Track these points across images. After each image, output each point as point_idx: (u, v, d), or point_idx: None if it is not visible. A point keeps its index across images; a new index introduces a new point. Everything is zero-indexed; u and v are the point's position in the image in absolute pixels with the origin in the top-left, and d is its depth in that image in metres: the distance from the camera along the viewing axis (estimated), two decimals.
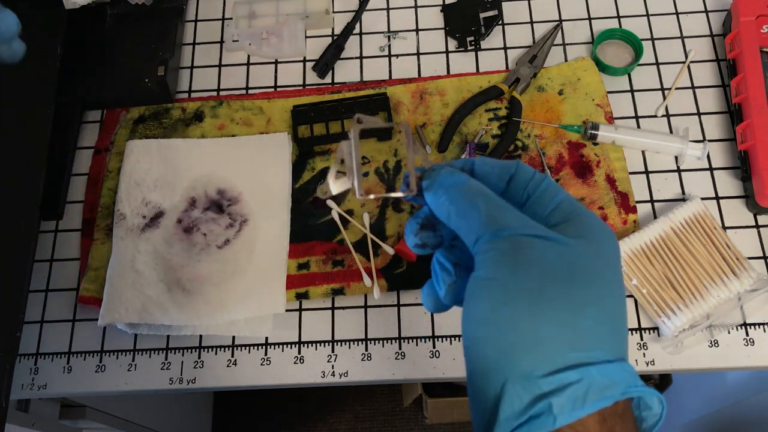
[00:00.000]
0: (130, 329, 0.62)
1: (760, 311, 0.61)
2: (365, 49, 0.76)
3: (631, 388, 0.29)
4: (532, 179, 0.35)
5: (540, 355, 0.29)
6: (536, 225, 0.32)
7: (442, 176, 0.35)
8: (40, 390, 0.63)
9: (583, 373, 0.28)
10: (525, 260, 0.30)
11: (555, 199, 0.34)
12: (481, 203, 0.33)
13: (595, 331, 0.30)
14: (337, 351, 0.63)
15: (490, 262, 0.31)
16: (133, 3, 0.75)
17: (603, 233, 0.33)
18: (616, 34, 0.74)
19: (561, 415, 0.28)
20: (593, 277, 0.31)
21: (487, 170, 0.36)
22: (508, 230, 0.32)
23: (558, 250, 0.31)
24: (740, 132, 0.66)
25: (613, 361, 0.29)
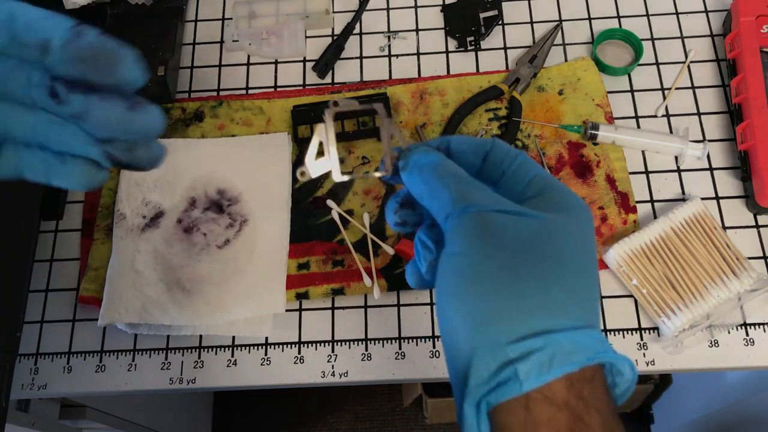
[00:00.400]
0: (130, 329, 0.62)
1: (760, 311, 0.61)
2: (365, 49, 0.76)
3: (600, 354, 0.29)
4: (507, 155, 0.36)
5: (507, 324, 0.30)
6: (504, 200, 0.33)
7: (416, 156, 0.36)
8: (40, 390, 0.63)
9: (549, 339, 0.29)
10: (491, 234, 0.31)
11: (529, 175, 0.35)
12: (450, 181, 0.34)
13: (562, 300, 0.30)
14: (337, 351, 0.63)
15: (458, 238, 0.32)
16: (133, 3, 0.75)
17: (575, 206, 0.34)
18: (616, 34, 0.74)
19: (527, 381, 0.28)
20: (561, 248, 0.32)
21: (463, 148, 0.37)
22: (475, 206, 0.32)
23: (525, 223, 0.32)
24: (740, 132, 0.66)
25: (581, 328, 0.30)
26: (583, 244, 0.33)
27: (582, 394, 0.29)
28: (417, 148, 0.37)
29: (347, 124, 0.70)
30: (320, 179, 0.69)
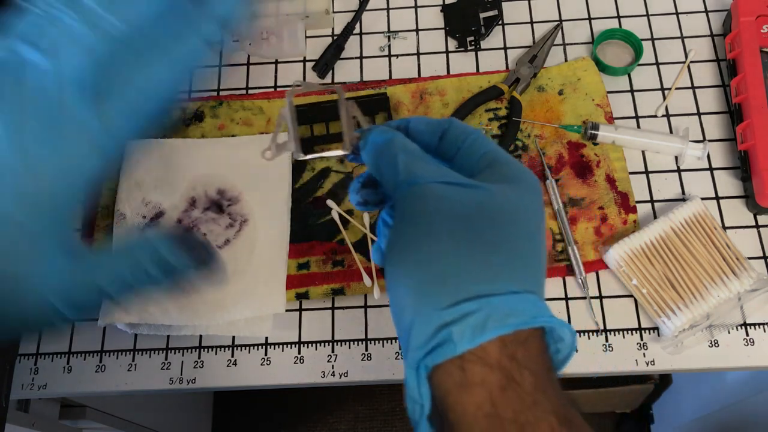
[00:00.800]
0: (130, 329, 0.62)
1: (760, 311, 0.61)
2: (365, 49, 0.76)
3: (536, 318, 0.30)
4: (462, 133, 0.37)
5: (445, 290, 0.30)
6: (452, 173, 0.34)
7: (373, 135, 0.37)
8: (40, 390, 0.63)
9: (484, 303, 0.30)
10: (433, 205, 0.32)
11: (482, 149, 0.36)
12: (401, 157, 0.35)
13: (501, 266, 0.31)
14: (337, 351, 0.63)
15: (403, 210, 0.33)
16: None
17: (523, 178, 0.35)
18: (616, 34, 0.74)
19: (461, 342, 0.29)
20: (505, 217, 0.33)
21: (421, 128, 0.38)
22: (420, 179, 0.33)
23: (469, 194, 0.33)
24: (740, 132, 0.66)
25: (519, 293, 0.31)
26: (526, 214, 0.34)
27: (515, 356, 0.29)
28: (377, 127, 0.38)
29: None
30: (320, 179, 0.69)
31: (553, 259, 0.64)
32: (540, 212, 0.35)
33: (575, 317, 0.63)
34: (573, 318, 0.63)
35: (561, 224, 0.65)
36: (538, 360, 0.30)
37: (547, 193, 0.66)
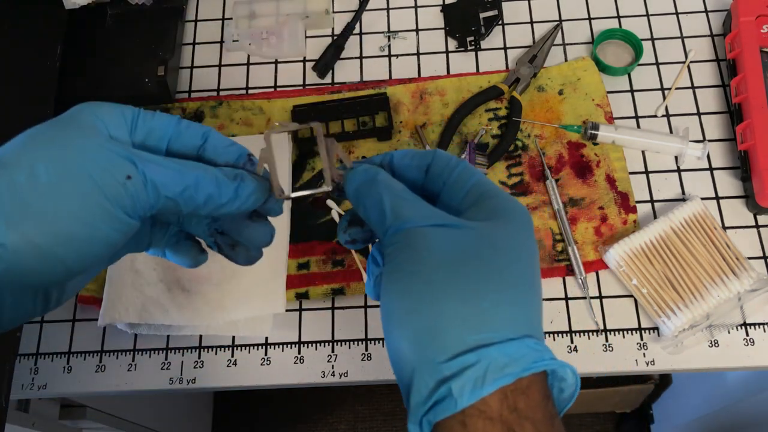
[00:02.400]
0: (130, 329, 0.62)
1: (760, 311, 0.61)
2: (365, 49, 0.76)
3: (537, 362, 0.30)
4: (447, 165, 0.36)
5: (441, 341, 0.30)
6: (438, 214, 0.34)
7: (356, 174, 0.37)
8: (40, 390, 0.63)
9: (482, 354, 0.29)
10: (423, 250, 0.32)
11: (468, 183, 0.35)
12: (386, 198, 0.34)
13: (497, 312, 0.30)
14: (337, 351, 0.63)
15: (393, 256, 0.33)
16: (133, 3, 0.75)
17: (512, 213, 0.34)
18: (616, 34, 0.74)
19: (461, 398, 0.29)
20: (497, 258, 0.32)
21: (406, 162, 0.38)
22: (408, 222, 0.33)
23: (457, 235, 0.32)
24: (740, 132, 0.66)
25: (516, 339, 0.30)
26: (518, 253, 0.33)
27: (516, 406, 0.29)
28: (359, 166, 0.37)
29: (347, 124, 0.70)
30: (320, 179, 0.69)
31: (553, 259, 0.64)
32: (532, 247, 0.34)
33: (575, 317, 0.63)
34: (573, 318, 0.63)
35: (561, 224, 0.65)
36: (540, 408, 0.30)
37: (547, 193, 0.66)
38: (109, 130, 0.35)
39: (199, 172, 0.35)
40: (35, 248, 0.31)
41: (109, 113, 0.36)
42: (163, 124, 0.37)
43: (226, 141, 0.39)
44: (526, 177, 0.68)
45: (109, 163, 0.33)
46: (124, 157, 0.34)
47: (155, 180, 0.34)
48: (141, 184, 0.33)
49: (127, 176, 0.33)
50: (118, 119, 0.36)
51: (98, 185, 0.32)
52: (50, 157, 0.33)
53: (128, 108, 0.37)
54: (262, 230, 0.40)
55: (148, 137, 0.37)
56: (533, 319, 0.32)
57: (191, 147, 0.38)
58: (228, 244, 0.41)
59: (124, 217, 0.33)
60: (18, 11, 0.72)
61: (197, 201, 0.35)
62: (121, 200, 0.33)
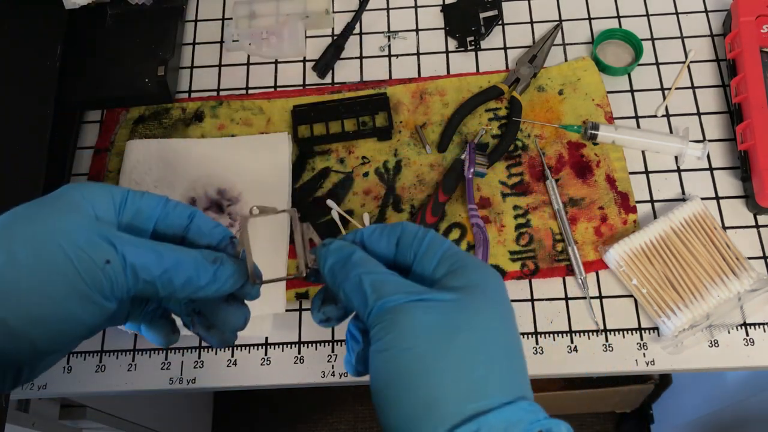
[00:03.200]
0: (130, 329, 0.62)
1: (760, 311, 0.61)
2: (365, 49, 0.76)
3: (533, 424, 0.30)
4: (415, 237, 0.37)
5: (437, 415, 0.30)
6: (417, 288, 0.34)
7: (329, 253, 0.38)
8: (40, 390, 0.63)
9: (481, 422, 0.30)
10: (410, 327, 0.32)
11: (437, 253, 0.36)
12: (365, 279, 0.35)
13: (486, 378, 0.31)
14: (337, 351, 0.63)
15: (380, 336, 0.33)
16: (133, 3, 0.75)
17: (485, 278, 0.35)
18: (616, 34, 0.74)
19: None
20: (476, 325, 0.33)
21: (375, 237, 0.38)
22: (391, 300, 0.33)
23: (441, 308, 0.33)
24: (740, 132, 0.66)
25: (512, 402, 0.31)
26: (499, 317, 0.34)
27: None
28: (331, 245, 0.38)
29: (347, 124, 0.70)
30: (320, 179, 0.69)
31: (553, 259, 0.64)
32: (509, 309, 0.35)
33: (575, 317, 0.63)
34: (573, 318, 0.63)
35: (561, 224, 0.65)
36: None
37: (547, 193, 0.67)
38: (95, 210, 0.36)
39: (179, 255, 0.36)
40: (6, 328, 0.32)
41: (97, 194, 0.36)
42: (151, 205, 0.38)
43: (211, 223, 0.40)
44: (526, 177, 0.68)
45: (88, 245, 0.33)
46: (104, 240, 0.34)
47: (134, 263, 0.34)
48: (120, 268, 0.34)
49: (106, 260, 0.33)
50: (106, 200, 0.36)
51: (76, 269, 0.33)
52: (30, 238, 0.33)
53: (117, 189, 0.37)
54: (237, 313, 0.41)
55: (136, 217, 0.38)
56: (522, 380, 0.33)
57: (178, 227, 0.39)
58: (204, 325, 0.41)
59: (101, 301, 0.34)
60: (18, 11, 0.72)
61: (176, 284, 0.36)
62: (99, 284, 0.33)
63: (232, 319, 0.41)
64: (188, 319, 0.42)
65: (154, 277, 0.35)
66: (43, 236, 0.33)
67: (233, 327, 0.41)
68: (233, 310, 0.41)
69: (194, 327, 0.42)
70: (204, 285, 0.37)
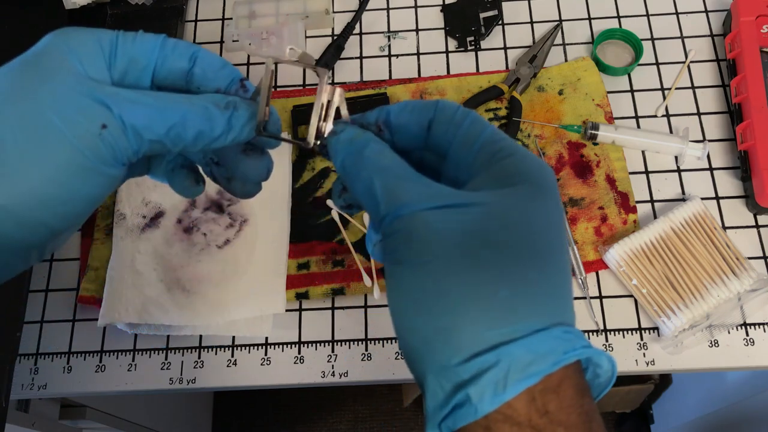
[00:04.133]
0: (130, 329, 0.62)
1: (760, 311, 0.61)
2: (365, 49, 0.76)
3: (568, 353, 0.26)
4: (452, 121, 0.32)
5: (455, 341, 0.26)
6: (440, 191, 0.29)
7: (339, 144, 0.32)
8: (40, 390, 0.63)
9: (501, 353, 0.26)
10: (425, 240, 0.27)
11: (477, 141, 0.31)
12: (376, 180, 0.30)
13: (513, 300, 0.26)
14: (337, 351, 0.63)
15: (393, 248, 0.29)
16: (133, 3, 0.75)
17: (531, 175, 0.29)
18: (616, 34, 0.74)
19: (481, 404, 0.25)
20: (511, 237, 0.27)
21: (404, 119, 0.33)
22: (406, 207, 0.28)
23: (464, 216, 0.28)
24: (740, 132, 0.66)
25: (543, 330, 0.26)
26: (539, 226, 0.28)
27: (547, 409, 0.26)
28: (341, 133, 0.33)
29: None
30: (320, 179, 0.69)
31: None
32: (555, 216, 0.29)
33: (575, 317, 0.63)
34: None
35: None
36: (575, 408, 0.26)
37: None
38: (83, 66, 0.31)
39: (185, 106, 0.31)
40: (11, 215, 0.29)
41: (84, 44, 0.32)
42: (146, 49, 0.33)
43: (217, 62, 0.34)
44: None
45: (79, 112, 0.29)
46: (96, 102, 0.30)
47: (135, 124, 0.30)
48: (119, 131, 0.30)
49: (102, 125, 0.29)
50: (94, 50, 0.32)
51: (70, 141, 0.29)
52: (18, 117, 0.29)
53: (105, 34, 0.32)
54: (257, 165, 0.36)
55: (130, 68, 0.33)
56: (561, 303, 0.28)
57: (178, 72, 0.34)
58: (224, 177, 0.38)
59: (104, 170, 0.30)
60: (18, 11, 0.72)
61: (186, 139, 0.32)
62: (98, 153, 0.30)
63: (252, 171, 0.36)
64: (207, 169, 0.38)
65: (159, 135, 0.31)
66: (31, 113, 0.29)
67: (254, 179, 0.37)
68: (253, 161, 0.36)
69: (214, 178, 0.38)
70: (218, 135, 0.32)
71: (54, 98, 0.30)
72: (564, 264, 0.29)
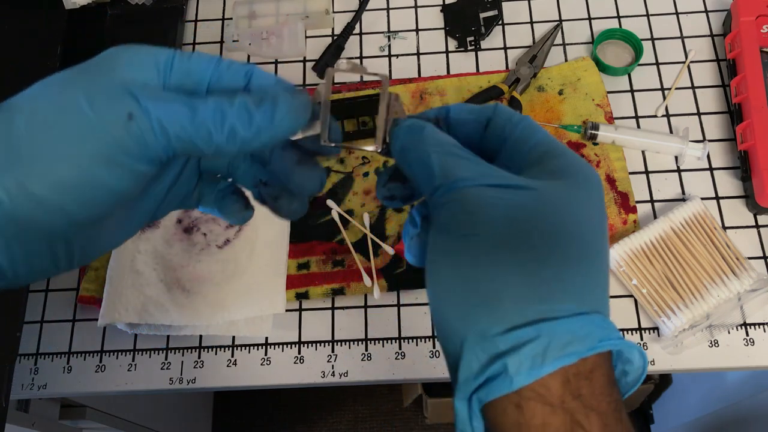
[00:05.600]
0: (130, 329, 0.62)
1: (760, 311, 0.61)
2: (365, 49, 0.76)
3: (603, 341, 0.26)
4: (509, 121, 0.33)
5: (498, 311, 0.27)
6: (496, 171, 0.30)
7: (404, 129, 0.33)
8: (40, 390, 0.63)
9: (543, 329, 0.26)
10: (478, 213, 0.28)
11: (531, 140, 0.32)
12: (434, 155, 0.31)
13: (560, 282, 0.27)
14: (337, 351, 0.63)
15: (443, 219, 0.29)
16: (133, 3, 0.75)
17: (580, 174, 0.30)
18: (616, 34, 0.74)
19: (517, 376, 0.26)
20: (562, 222, 0.28)
21: (463, 117, 0.34)
22: (461, 182, 0.29)
23: (516, 197, 0.29)
24: (740, 132, 0.66)
25: (583, 314, 0.27)
26: (586, 218, 0.29)
27: (580, 393, 0.26)
28: (403, 122, 0.34)
29: (347, 124, 0.70)
30: None
31: None
32: (601, 213, 0.30)
33: None
34: None
35: None
36: (606, 396, 0.27)
37: None
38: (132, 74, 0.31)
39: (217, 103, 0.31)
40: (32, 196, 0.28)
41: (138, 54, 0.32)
42: (202, 65, 0.33)
43: (271, 78, 0.34)
44: None
45: (107, 99, 0.29)
46: (125, 92, 0.30)
47: (161, 116, 0.30)
48: (146, 124, 0.29)
49: (128, 115, 0.29)
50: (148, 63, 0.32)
51: (94, 127, 0.29)
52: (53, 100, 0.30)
53: (162, 50, 0.32)
54: (311, 175, 0.35)
55: (185, 79, 0.33)
56: (600, 293, 0.29)
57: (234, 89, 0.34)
58: (272, 196, 0.37)
59: (128, 162, 0.30)
60: (18, 11, 0.72)
61: (218, 137, 0.31)
62: (123, 144, 0.29)
63: (307, 182, 0.35)
64: (255, 191, 0.37)
65: (188, 132, 0.30)
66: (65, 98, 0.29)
67: (308, 190, 0.36)
68: (307, 172, 0.35)
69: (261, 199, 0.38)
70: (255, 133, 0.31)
71: (89, 88, 0.30)
72: (605, 258, 0.30)
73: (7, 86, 0.69)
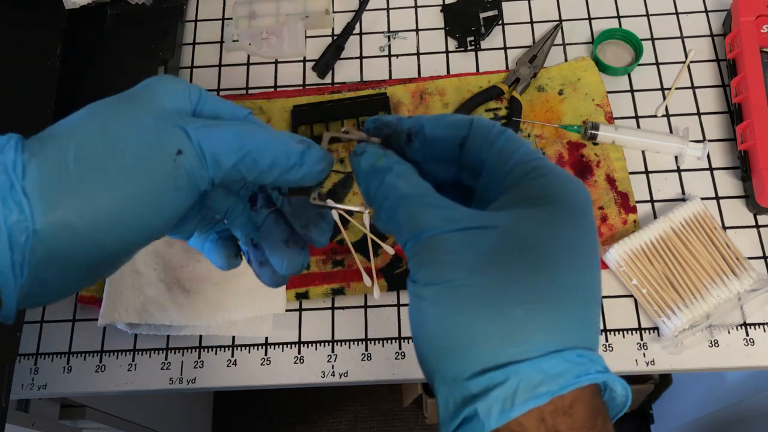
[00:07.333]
0: (130, 329, 0.62)
1: (760, 311, 0.61)
2: (365, 49, 0.76)
3: (580, 377, 0.26)
4: (485, 140, 0.32)
5: (470, 354, 0.27)
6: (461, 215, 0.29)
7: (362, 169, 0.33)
8: (40, 390, 0.63)
9: (510, 371, 0.26)
10: (444, 262, 0.28)
11: (511, 159, 0.31)
12: (400, 210, 0.31)
13: (531, 321, 0.27)
14: (337, 351, 0.63)
15: (416, 267, 0.30)
16: (133, 3, 0.75)
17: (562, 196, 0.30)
18: (616, 34, 0.74)
19: (488, 419, 0.26)
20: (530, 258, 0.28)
21: (438, 134, 0.33)
22: (427, 231, 0.29)
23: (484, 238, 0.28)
24: (740, 132, 0.66)
25: (558, 352, 0.27)
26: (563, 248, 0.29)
27: (557, 429, 0.26)
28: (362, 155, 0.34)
29: (347, 124, 0.70)
30: None
31: None
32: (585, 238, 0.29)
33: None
34: None
35: None
36: (587, 428, 0.27)
37: None
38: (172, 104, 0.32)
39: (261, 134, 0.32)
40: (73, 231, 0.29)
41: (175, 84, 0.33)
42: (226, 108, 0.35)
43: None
44: None
45: (157, 137, 0.30)
46: (175, 126, 0.30)
47: (214, 150, 0.31)
48: (196, 158, 0.30)
49: (177, 151, 0.30)
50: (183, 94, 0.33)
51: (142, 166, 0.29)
52: (100, 134, 0.30)
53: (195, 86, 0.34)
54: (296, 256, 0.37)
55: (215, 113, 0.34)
56: (582, 325, 0.28)
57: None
58: (258, 261, 0.39)
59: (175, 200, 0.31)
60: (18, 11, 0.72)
61: (261, 166, 0.32)
62: (171, 180, 0.30)
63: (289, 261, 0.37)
64: (245, 249, 0.39)
65: (237, 161, 0.31)
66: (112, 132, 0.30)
67: (290, 270, 0.37)
68: (292, 252, 0.37)
69: (248, 259, 0.39)
70: (291, 166, 0.33)
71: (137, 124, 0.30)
72: (588, 287, 0.29)
73: (7, 86, 0.69)
